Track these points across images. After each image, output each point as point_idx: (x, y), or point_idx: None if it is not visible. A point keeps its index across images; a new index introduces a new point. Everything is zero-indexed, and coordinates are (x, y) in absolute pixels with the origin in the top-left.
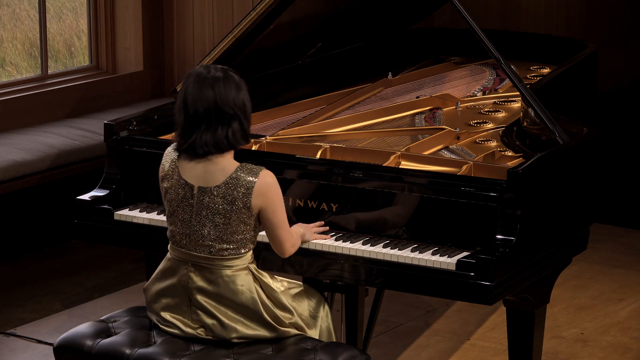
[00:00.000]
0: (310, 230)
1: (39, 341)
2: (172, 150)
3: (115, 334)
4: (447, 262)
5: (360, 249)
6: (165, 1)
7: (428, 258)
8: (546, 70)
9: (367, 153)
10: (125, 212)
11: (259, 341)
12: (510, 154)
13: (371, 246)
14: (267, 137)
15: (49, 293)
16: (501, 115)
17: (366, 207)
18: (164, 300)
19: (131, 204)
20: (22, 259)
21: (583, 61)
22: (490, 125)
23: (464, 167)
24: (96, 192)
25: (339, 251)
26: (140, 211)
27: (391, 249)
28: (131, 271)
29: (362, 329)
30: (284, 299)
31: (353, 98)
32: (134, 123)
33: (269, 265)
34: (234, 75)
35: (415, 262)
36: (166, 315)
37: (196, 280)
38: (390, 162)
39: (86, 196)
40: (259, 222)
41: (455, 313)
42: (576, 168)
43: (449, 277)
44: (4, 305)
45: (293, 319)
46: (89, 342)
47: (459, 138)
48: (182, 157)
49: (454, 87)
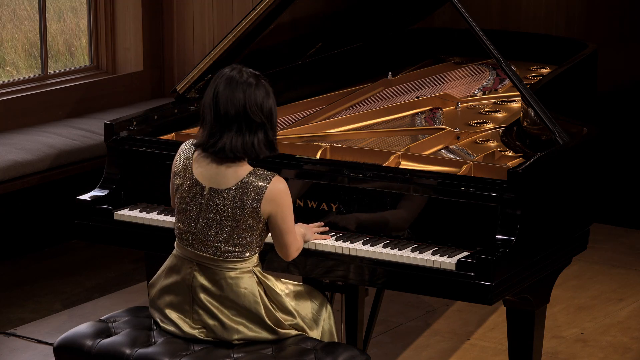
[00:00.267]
0: (311, 230)
1: (39, 341)
2: (187, 147)
3: (115, 334)
4: (447, 262)
5: (360, 249)
6: (165, 1)
7: (428, 258)
8: (546, 70)
9: (367, 153)
10: (125, 212)
11: (259, 342)
12: (510, 154)
13: (371, 246)
14: None
15: (49, 293)
16: (501, 115)
17: (366, 207)
18: (167, 297)
19: (131, 204)
20: (22, 259)
21: (583, 61)
22: (490, 125)
23: (464, 167)
24: (96, 192)
25: (339, 251)
26: (140, 211)
27: (391, 249)
28: (131, 271)
29: (362, 329)
30: (287, 302)
31: (353, 98)
32: (134, 123)
33: (273, 267)
34: (265, 83)
35: (415, 262)
36: (169, 312)
37: (200, 279)
38: (390, 162)
39: (86, 196)
40: (267, 227)
41: (455, 313)
42: (576, 168)
43: (449, 277)
44: (4, 305)
45: (295, 321)
46: (89, 342)
47: (459, 138)
48: (199, 153)
49: (454, 87)
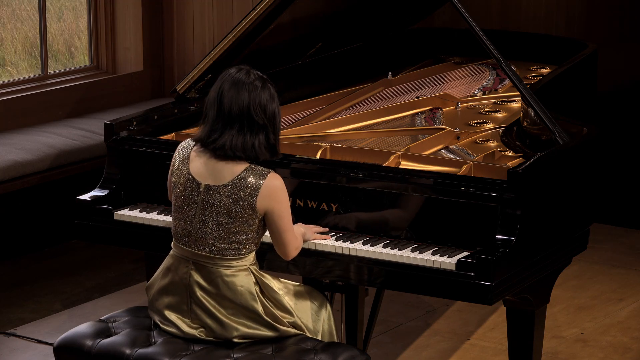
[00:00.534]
0: (311, 230)
1: (39, 341)
2: (185, 145)
3: (115, 334)
4: (447, 262)
5: (360, 249)
6: (165, 1)
7: (428, 258)
8: (546, 70)
9: (367, 153)
10: (125, 212)
11: (260, 342)
12: (510, 154)
13: (371, 246)
14: None
15: (49, 293)
16: (501, 115)
17: (366, 207)
18: (165, 298)
19: (131, 204)
20: (22, 259)
21: (583, 61)
22: (490, 125)
23: (464, 167)
24: (96, 192)
25: (339, 251)
26: (140, 211)
27: (391, 249)
28: (131, 271)
29: (362, 329)
30: (285, 300)
31: (353, 98)
32: (134, 123)
33: (273, 267)
34: (270, 87)
35: (415, 262)
36: (168, 314)
37: (196, 278)
38: (390, 162)
39: (86, 196)
40: (263, 224)
41: (455, 313)
42: (576, 168)
43: (449, 277)
44: (4, 305)
45: (293, 319)
46: (89, 342)
47: (459, 138)
48: (197, 150)
49: (454, 87)
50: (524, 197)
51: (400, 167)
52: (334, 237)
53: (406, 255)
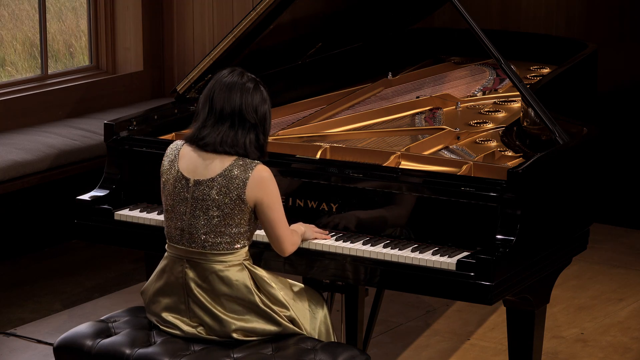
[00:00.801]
0: (312, 229)
1: (39, 341)
2: (174, 145)
3: (115, 334)
4: (447, 262)
5: (360, 249)
6: (165, 1)
7: (428, 258)
8: (546, 70)
9: (367, 153)
10: (125, 212)
11: (260, 342)
12: (510, 154)
13: (371, 246)
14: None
15: (49, 293)
16: (501, 115)
17: (366, 207)
18: (162, 300)
19: (131, 204)
20: (22, 259)
21: (583, 61)
22: (490, 125)
23: (464, 167)
24: (96, 192)
25: (339, 251)
26: (140, 211)
27: (391, 249)
28: (131, 271)
29: (362, 329)
30: (279, 295)
31: (353, 98)
32: (134, 123)
33: (271, 266)
34: (263, 89)
35: (416, 262)
36: (166, 315)
37: (191, 275)
38: (390, 162)
39: (86, 196)
40: (254, 217)
41: (455, 313)
42: (576, 168)
43: (449, 277)
44: (4, 305)
45: (289, 313)
46: (89, 342)
47: (459, 138)
48: (186, 148)
49: (454, 87)
50: (524, 197)
51: (400, 167)
52: (334, 237)
53: (406, 255)
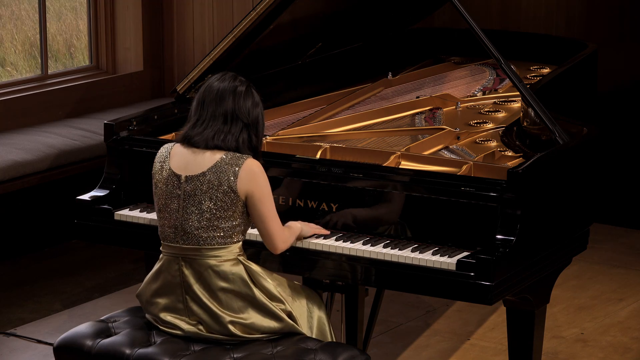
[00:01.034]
0: (310, 226)
1: (39, 341)
2: (164, 147)
3: (115, 334)
4: (447, 262)
5: (360, 249)
6: (165, 1)
7: (428, 258)
8: (546, 70)
9: (367, 153)
10: (126, 212)
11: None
12: (510, 154)
13: (371, 246)
14: (267, 137)
15: (49, 293)
16: (501, 115)
17: (366, 207)
18: (159, 301)
19: (131, 204)
20: (22, 259)
21: (583, 61)
22: (490, 125)
23: (464, 167)
24: (96, 192)
25: (339, 251)
26: (140, 211)
27: (391, 249)
28: (131, 271)
29: (362, 329)
30: (274, 290)
31: (353, 98)
32: (134, 123)
33: (269, 266)
34: (255, 92)
35: (416, 262)
36: (164, 316)
37: (188, 274)
38: (390, 162)
39: (86, 196)
40: (247, 211)
41: (455, 313)
42: (576, 168)
43: (449, 277)
44: (4, 305)
45: (284, 307)
46: (89, 342)
47: (459, 138)
48: (177, 147)
49: (454, 87)
50: (524, 197)
51: (400, 167)
52: (334, 237)
53: (406, 255)
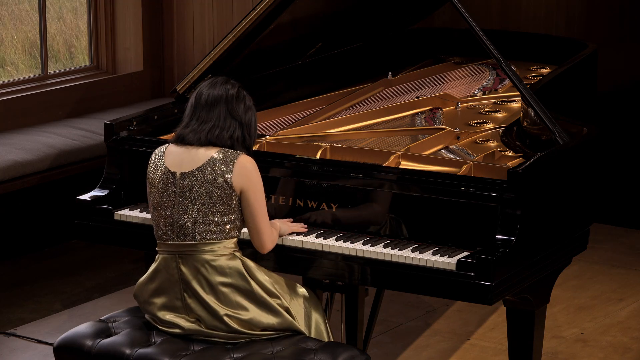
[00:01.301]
0: (287, 224)
1: (39, 341)
2: (157, 151)
3: (115, 334)
4: (447, 262)
5: (360, 249)
6: (165, 1)
7: (428, 258)
8: (546, 70)
9: (367, 153)
10: (126, 212)
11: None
12: (510, 154)
13: (371, 246)
14: (267, 137)
15: (49, 293)
16: (501, 115)
17: (366, 207)
18: (157, 300)
19: (131, 204)
20: (22, 259)
21: (583, 61)
22: (490, 125)
23: (464, 167)
24: (96, 192)
25: (339, 251)
26: (140, 211)
27: (391, 249)
28: (131, 271)
29: (362, 329)
30: (270, 285)
31: (353, 98)
32: (134, 123)
33: (265, 264)
34: (246, 96)
35: (416, 262)
36: (163, 315)
37: (185, 270)
38: (390, 162)
39: (86, 196)
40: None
41: (455, 313)
42: (576, 168)
43: (449, 277)
44: (4, 305)
45: (282, 302)
46: (89, 342)
47: (459, 138)
48: (172, 147)
49: (454, 87)
50: (524, 197)
51: (400, 167)
52: (334, 237)
53: (406, 255)
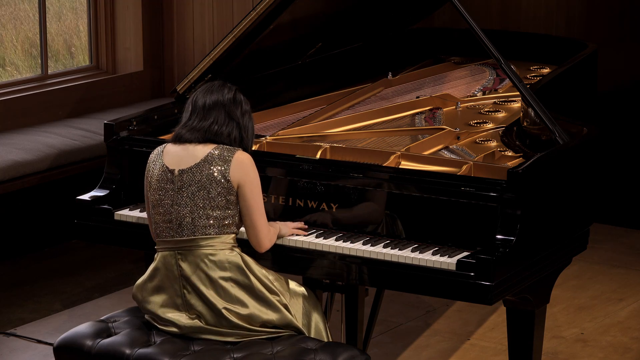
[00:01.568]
0: (288, 226)
1: (39, 341)
2: (155, 151)
3: (115, 334)
4: (447, 262)
5: (360, 249)
6: (165, 1)
7: (428, 258)
8: (546, 70)
9: (367, 153)
10: (126, 212)
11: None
12: (510, 154)
13: (371, 246)
14: (267, 137)
15: (49, 293)
16: (501, 115)
17: (366, 207)
18: (157, 298)
19: (131, 204)
20: (22, 259)
21: (583, 61)
22: (490, 125)
23: (464, 167)
24: (96, 192)
25: (339, 251)
26: (140, 211)
27: (391, 249)
28: (131, 271)
29: (362, 329)
30: (268, 282)
31: (353, 98)
32: (134, 123)
33: (265, 264)
34: (242, 100)
35: (416, 262)
36: (163, 313)
37: (185, 266)
38: (390, 162)
39: (86, 196)
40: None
41: (455, 313)
42: (576, 168)
43: (449, 277)
44: (4, 305)
45: (281, 299)
46: (89, 342)
47: (459, 138)
48: (170, 146)
49: (454, 87)
50: (524, 197)
51: (400, 167)
52: (334, 237)
53: (406, 255)
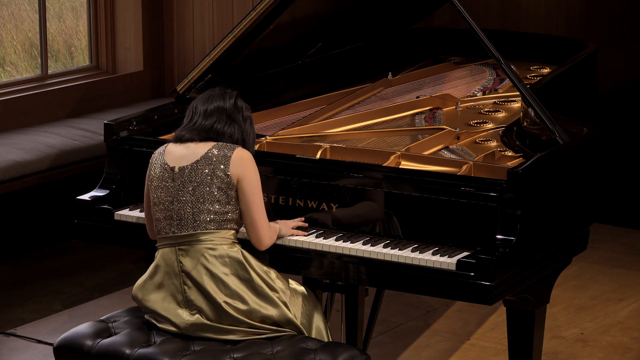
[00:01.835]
0: (288, 225)
1: (39, 341)
2: (157, 152)
3: (115, 334)
4: (447, 262)
5: (360, 249)
6: (165, 1)
7: (428, 258)
8: (546, 70)
9: (367, 153)
10: (126, 212)
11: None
12: (510, 154)
13: (371, 246)
14: (267, 137)
15: (49, 293)
16: (501, 115)
17: (366, 207)
18: (157, 296)
19: (131, 204)
20: (22, 259)
21: (583, 61)
22: (490, 125)
23: (464, 167)
24: (96, 192)
25: (339, 251)
26: (140, 211)
27: (391, 249)
28: (131, 271)
29: (362, 329)
30: (268, 278)
31: (353, 98)
32: (134, 123)
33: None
34: (243, 106)
35: (416, 262)
36: (163, 310)
37: (185, 261)
38: (390, 162)
39: (86, 196)
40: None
41: (455, 313)
42: (576, 168)
43: (449, 277)
44: (4, 305)
45: (281, 296)
46: (89, 342)
47: (459, 138)
48: (171, 145)
49: (454, 87)
50: (524, 197)
51: (400, 167)
52: (334, 237)
53: (406, 255)
